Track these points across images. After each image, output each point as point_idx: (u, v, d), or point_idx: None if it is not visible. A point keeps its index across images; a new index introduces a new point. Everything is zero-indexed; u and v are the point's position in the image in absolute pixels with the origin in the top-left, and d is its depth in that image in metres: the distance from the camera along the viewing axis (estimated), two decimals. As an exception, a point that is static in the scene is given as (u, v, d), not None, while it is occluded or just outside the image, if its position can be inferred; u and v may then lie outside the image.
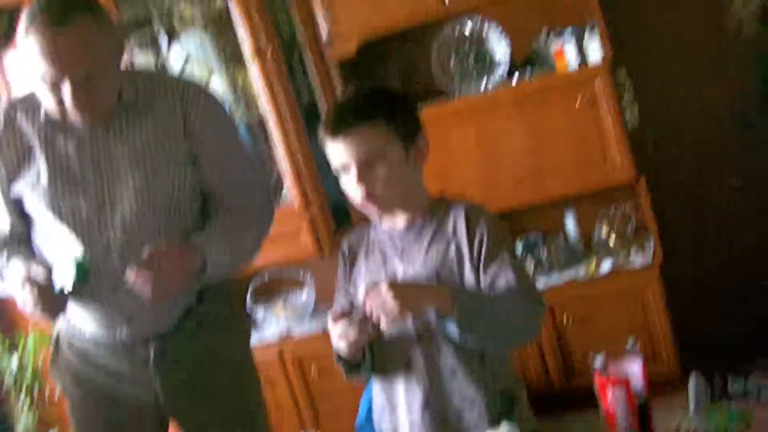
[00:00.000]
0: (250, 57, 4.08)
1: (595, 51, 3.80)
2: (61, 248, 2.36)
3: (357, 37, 4.05)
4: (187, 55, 4.29)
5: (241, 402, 2.61)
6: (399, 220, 2.19)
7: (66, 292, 2.26)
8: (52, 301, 2.28)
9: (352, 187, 2.10)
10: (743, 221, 4.27)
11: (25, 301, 2.27)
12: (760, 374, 3.75)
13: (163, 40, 4.30)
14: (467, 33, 4.13)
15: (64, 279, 2.25)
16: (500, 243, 2.09)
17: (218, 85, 4.28)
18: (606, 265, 4.01)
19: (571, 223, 4.25)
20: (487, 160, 4.02)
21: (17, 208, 2.44)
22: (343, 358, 2.16)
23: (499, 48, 4.08)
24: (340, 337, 2.03)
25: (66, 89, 2.20)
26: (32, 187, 2.38)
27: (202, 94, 2.48)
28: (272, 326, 4.50)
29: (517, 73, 4.04)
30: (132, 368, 2.51)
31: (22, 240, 2.49)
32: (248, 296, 4.49)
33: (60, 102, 2.23)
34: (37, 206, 2.39)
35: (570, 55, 3.86)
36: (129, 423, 2.57)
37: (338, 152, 2.09)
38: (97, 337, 2.49)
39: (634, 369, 1.81)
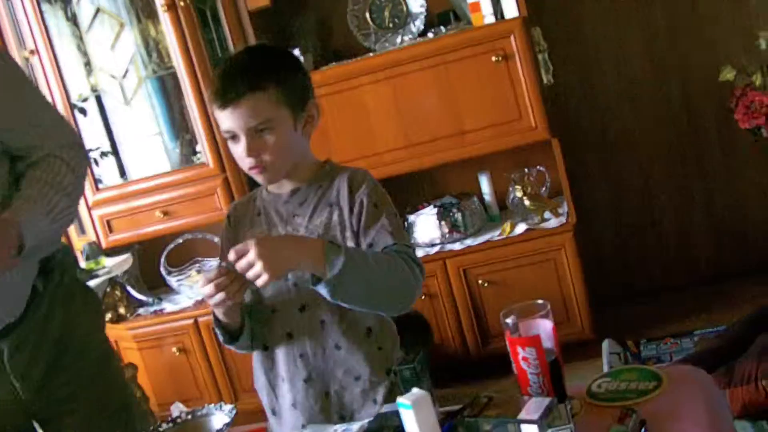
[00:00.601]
0: (162, 9, 3.98)
1: (511, 7, 3.77)
2: None
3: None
4: (97, 7, 4.18)
5: (111, 390, 2.43)
6: (285, 186, 2.15)
7: None
8: None
9: (240, 156, 2.04)
10: (658, 185, 4.32)
11: None
12: (672, 340, 3.85)
13: (72, -9, 4.18)
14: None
15: None
16: (380, 208, 2.06)
17: (129, 39, 4.17)
18: (520, 227, 4.01)
19: (485, 185, 4.25)
20: (403, 118, 3.97)
21: None
22: (221, 324, 2.09)
23: (415, 1, 4.05)
24: (210, 296, 1.93)
25: None
26: None
27: None
28: (187, 293, 4.44)
29: (433, 29, 4.02)
30: None
31: None
32: (162, 262, 4.41)
33: None
34: None
35: (486, 10, 3.82)
36: None
37: (226, 120, 2.02)
38: None
39: (545, 327, 1.78)
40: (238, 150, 2.03)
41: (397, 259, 1.98)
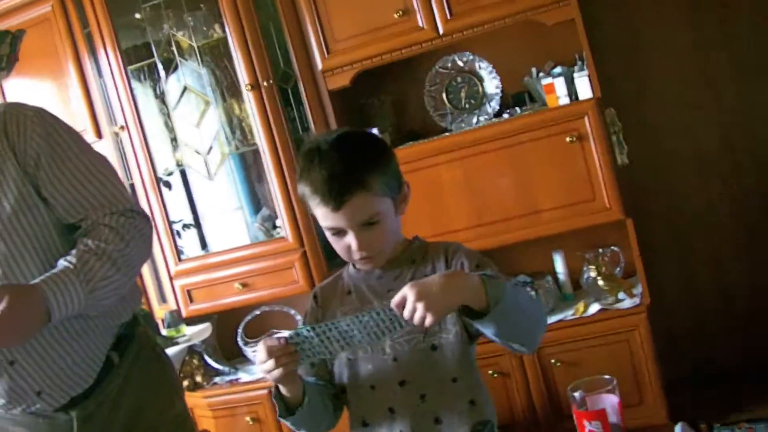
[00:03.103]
0: (246, 88, 4.13)
1: (585, 89, 3.82)
2: None
3: (351, 69, 4.11)
4: (184, 86, 4.34)
5: None
6: None
7: None
8: None
9: (345, 248, 2.04)
10: (731, 263, 4.29)
11: None
12: (747, 425, 3.77)
13: (161, 70, 4.36)
14: (459, 66, 4.19)
15: None
16: (482, 267, 2.03)
17: (214, 116, 4.32)
18: (594, 307, 4.01)
19: (559, 264, 4.27)
20: (476, 197, 4.02)
21: None
22: (282, 396, 2.04)
23: (491, 83, 4.14)
24: (269, 370, 1.91)
25: None
26: None
27: (24, 119, 2.17)
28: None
29: (508, 110, 4.09)
30: None
31: None
32: (239, 333, 4.49)
33: None
34: None
35: (560, 92, 3.89)
36: None
37: (333, 219, 2.01)
38: (12, 412, 2.22)
39: (612, 401, 1.81)
40: (344, 243, 2.03)
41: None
